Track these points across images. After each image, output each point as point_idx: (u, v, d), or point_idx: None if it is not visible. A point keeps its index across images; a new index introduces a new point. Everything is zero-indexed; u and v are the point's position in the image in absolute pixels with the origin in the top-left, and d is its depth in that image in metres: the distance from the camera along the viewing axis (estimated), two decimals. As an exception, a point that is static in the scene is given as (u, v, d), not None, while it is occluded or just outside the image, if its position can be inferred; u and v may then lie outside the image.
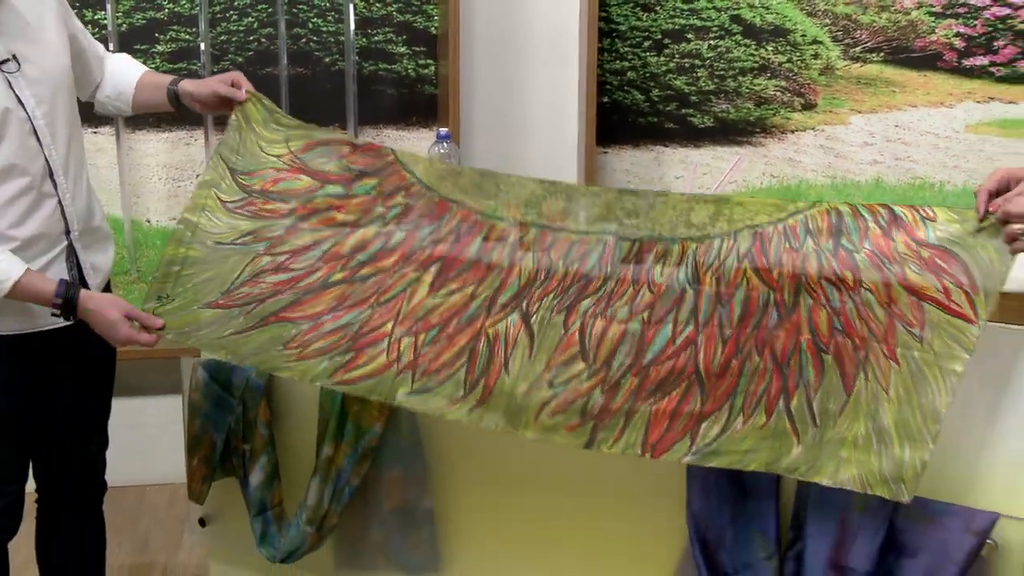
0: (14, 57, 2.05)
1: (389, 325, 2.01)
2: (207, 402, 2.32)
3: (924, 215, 1.82)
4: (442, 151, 2.54)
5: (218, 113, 2.34)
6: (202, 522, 2.47)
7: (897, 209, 1.84)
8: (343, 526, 2.24)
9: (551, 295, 1.96)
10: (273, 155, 2.21)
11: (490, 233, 2.05)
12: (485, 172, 2.14)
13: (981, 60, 3.31)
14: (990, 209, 1.72)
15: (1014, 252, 1.70)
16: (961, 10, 3.29)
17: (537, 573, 2.11)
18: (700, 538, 1.87)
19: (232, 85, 2.22)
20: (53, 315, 2.06)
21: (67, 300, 2.04)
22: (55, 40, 2.14)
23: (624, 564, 2.01)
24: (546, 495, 2.08)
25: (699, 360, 1.86)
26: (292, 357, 2.03)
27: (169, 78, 2.33)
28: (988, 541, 1.68)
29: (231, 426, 2.28)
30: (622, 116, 3.69)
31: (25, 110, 2.05)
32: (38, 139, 2.08)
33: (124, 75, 2.35)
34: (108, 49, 3.40)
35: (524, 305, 1.96)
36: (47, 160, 2.09)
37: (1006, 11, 3.24)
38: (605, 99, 3.65)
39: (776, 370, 1.82)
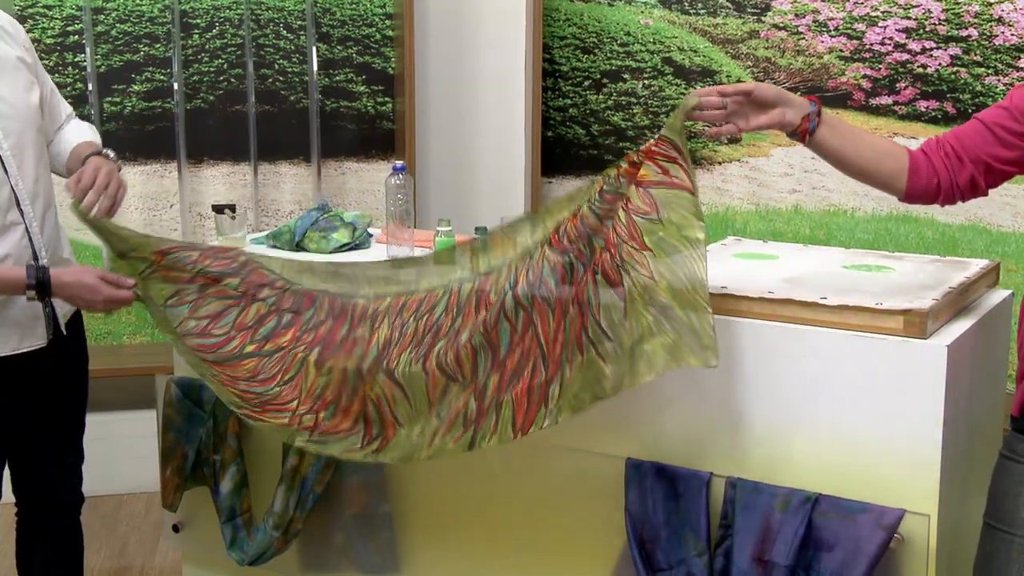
0: None
1: (294, 403, 1.98)
2: (180, 416, 2.30)
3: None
4: (397, 182, 2.53)
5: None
6: (176, 528, 2.44)
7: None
8: (308, 531, 2.22)
9: (408, 350, 1.91)
10: (144, 256, 2.06)
11: (354, 312, 2.00)
12: (334, 263, 2.13)
13: (886, 100, 3.36)
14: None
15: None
16: (867, 55, 3.35)
17: (488, 571, 2.11)
18: (638, 537, 1.87)
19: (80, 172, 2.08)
20: (29, 299, 1.98)
21: (40, 281, 1.96)
22: (24, 80, 2.09)
23: (569, 561, 2.01)
24: (495, 499, 2.07)
25: (539, 334, 1.82)
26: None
27: (91, 148, 2.17)
28: (896, 535, 1.70)
29: (202, 438, 2.26)
30: (565, 149, 3.71)
31: None
32: (4, 169, 2.01)
33: (67, 142, 2.23)
34: (88, 88, 3.38)
35: (384, 364, 1.92)
36: (13, 189, 2.02)
37: (906, 56, 3.30)
38: (549, 133, 3.67)
39: (579, 312, 1.79)
